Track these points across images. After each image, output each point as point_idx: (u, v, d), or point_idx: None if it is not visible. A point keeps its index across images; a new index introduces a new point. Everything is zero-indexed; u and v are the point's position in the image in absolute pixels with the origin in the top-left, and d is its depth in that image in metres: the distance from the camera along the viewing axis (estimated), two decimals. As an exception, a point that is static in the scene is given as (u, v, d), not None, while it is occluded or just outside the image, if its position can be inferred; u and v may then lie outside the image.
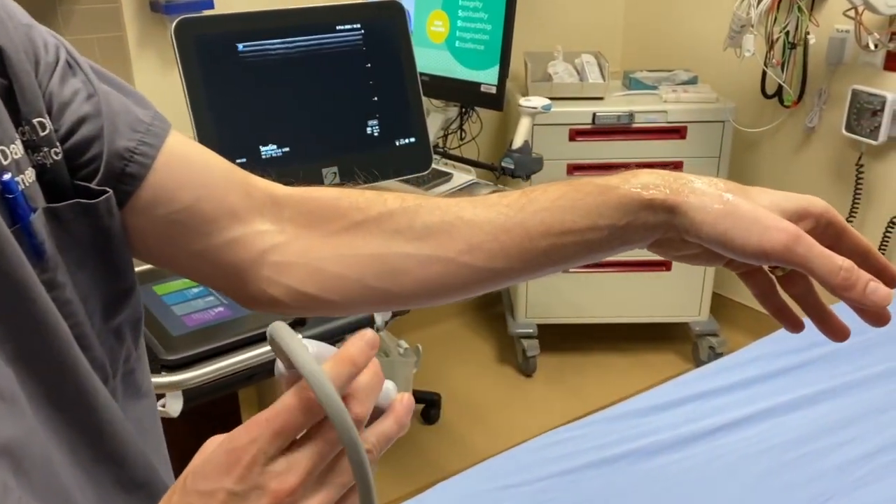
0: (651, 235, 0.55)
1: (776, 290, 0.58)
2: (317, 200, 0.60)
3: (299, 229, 0.59)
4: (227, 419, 1.83)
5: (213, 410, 1.74)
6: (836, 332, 0.56)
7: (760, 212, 0.51)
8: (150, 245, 0.56)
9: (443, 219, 0.57)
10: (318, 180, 1.45)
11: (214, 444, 0.41)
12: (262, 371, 1.24)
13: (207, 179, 0.57)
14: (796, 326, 0.59)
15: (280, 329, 0.40)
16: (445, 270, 0.56)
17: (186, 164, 0.56)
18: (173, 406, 1.16)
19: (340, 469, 0.41)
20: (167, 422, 1.19)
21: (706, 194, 0.52)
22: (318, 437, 0.40)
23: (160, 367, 1.14)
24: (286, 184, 0.61)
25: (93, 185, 0.51)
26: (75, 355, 0.49)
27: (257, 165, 1.40)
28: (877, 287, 0.50)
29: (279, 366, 0.43)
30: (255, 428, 0.39)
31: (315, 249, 0.58)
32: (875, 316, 0.52)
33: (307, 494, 0.40)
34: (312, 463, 0.40)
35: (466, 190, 1.81)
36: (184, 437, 1.69)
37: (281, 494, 0.39)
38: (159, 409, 1.17)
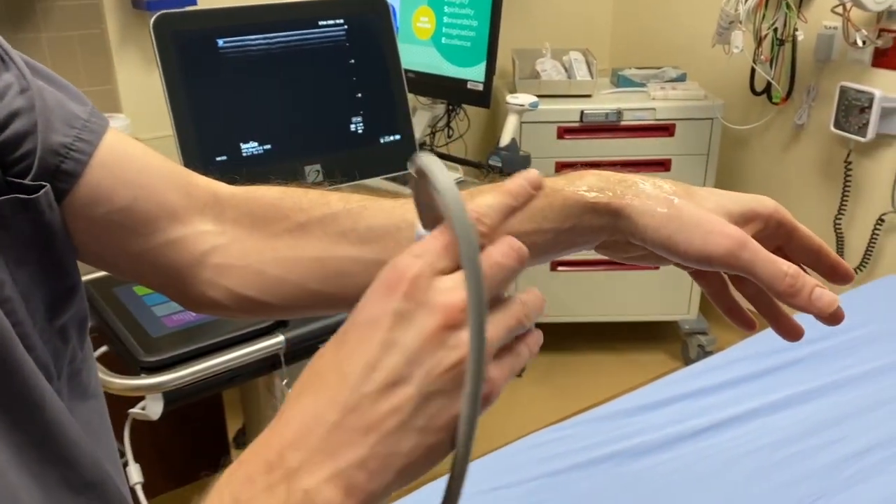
0: (596, 238, 0.54)
1: (728, 289, 0.58)
2: (259, 200, 0.58)
3: (241, 230, 0.57)
4: (211, 421, 1.81)
5: (196, 412, 1.73)
6: (790, 332, 0.56)
7: (705, 216, 0.50)
8: (88, 245, 0.54)
9: (388, 221, 0.55)
10: (300, 178, 1.43)
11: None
12: (245, 372, 1.22)
13: (146, 178, 0.55)
14: (748, 326, 0.58)
15: (429, 162, 0.34)
16: None
17: (124, 162, 0.54)
18: (153, 408, 1.14)
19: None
20: (148, 424, 1.18)
21: (651, 198, 0.52)
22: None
23: (139, 369, 1.12)
24: (231, 182, 0.60)
25: (27, 182, 0.49)
26: (20, 354, 0.47)
27: (238, 163, 1.38)
28: (822, 293, 0.50)
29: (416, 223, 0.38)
30: (420, 245, 0.35)
31: (256, 252, 0.57)
32: (827, 317, 0.52)
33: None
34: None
35: (453, 188, 1.79)
36: (165, 439, 1.68)
37: (452, 310, 0.34)
38: (139, 411, 1.15)
